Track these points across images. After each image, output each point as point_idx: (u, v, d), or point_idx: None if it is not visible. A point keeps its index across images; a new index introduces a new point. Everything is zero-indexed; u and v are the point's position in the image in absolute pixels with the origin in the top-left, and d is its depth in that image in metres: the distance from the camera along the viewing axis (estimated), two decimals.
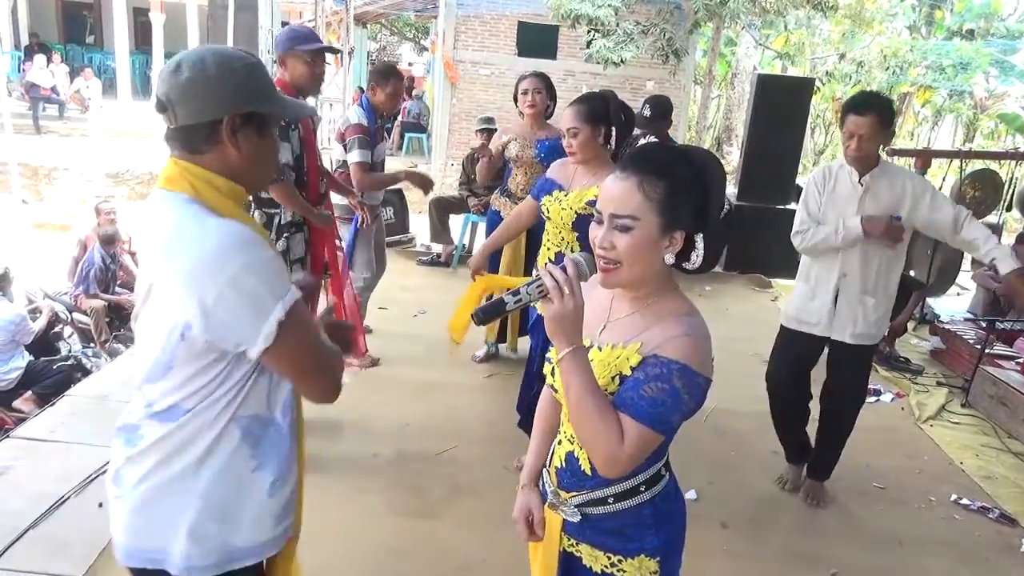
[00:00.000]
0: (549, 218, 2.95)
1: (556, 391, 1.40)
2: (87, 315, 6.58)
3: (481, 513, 2.95)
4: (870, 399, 4.55)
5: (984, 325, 5.14)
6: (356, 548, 2.69)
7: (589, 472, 1.37)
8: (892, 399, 4.60)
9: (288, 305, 1.23)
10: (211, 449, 1.32)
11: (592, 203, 2.66)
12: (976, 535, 3.20)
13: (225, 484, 1.34)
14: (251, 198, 3.17)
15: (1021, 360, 4.64)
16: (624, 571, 1.40)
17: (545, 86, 4.02)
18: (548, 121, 4.12)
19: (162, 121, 1.30)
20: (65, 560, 2.49)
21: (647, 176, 1.27)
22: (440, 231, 6.61)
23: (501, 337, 4.48)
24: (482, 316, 1.30)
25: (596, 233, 1.31)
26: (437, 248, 6.67)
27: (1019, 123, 16.30)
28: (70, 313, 6.61)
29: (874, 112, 2.81)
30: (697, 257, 1.31)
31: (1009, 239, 7.18)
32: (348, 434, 3.47)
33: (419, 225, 7.33)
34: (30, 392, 5.23)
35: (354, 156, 3.77)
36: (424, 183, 4.14)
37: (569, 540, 1.46)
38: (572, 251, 2.83)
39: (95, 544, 2.56)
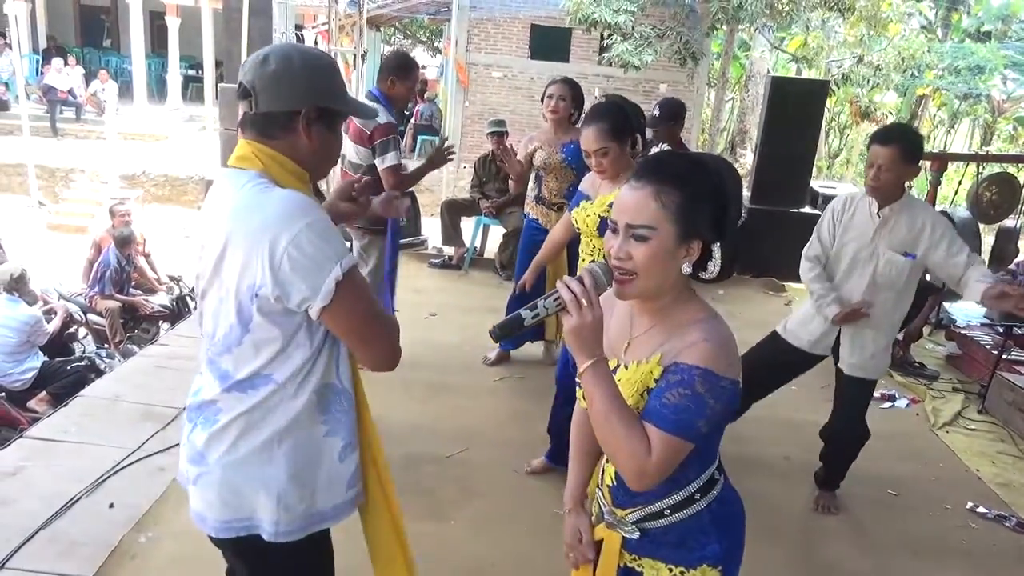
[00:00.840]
0: (580, 230, 2.99)
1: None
2: (102, 316, 6.64)
3: (491, 516, 2.94)
4: (884, 405, 4.52)
5: (1001, 330, 5.07)
6: (364, 553, 2.68)
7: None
8: (907, 405, 4.55)
9: (346, 267, 1.31)
10: (293, 416, 1.40)
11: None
12: (992, 544, 3.16)
13: (303, 449, 1.43)
14: None
15: None
16: None
17: (571, 94, 4.00)
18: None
19: (242, 107, 1.41)
20: (75, 560, 2.49)
21: (663, 185, 1.25)
22: (452, 234, 6.61)
23: (524, 339, 4.38)
24: (499, 332, 1.30)
25: (611, 243, 1.30)
26: (449, 251, 6.66)
27: None
28: (84, 314, 6.67)
29: (897, 144, 2.75)
30: (714, 267, 1.30)
31: None
32: None
33: (431, 228, 7.34)
34: (44, 392, 5.27)
35: (390, 159, 3.66)
36: (439, 157, 4.01)
37: (631, 556, 1.44)
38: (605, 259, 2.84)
39: (106, 544, 2.57)
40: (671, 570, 1.39)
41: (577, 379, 1.31)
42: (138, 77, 16.10)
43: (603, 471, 1.49)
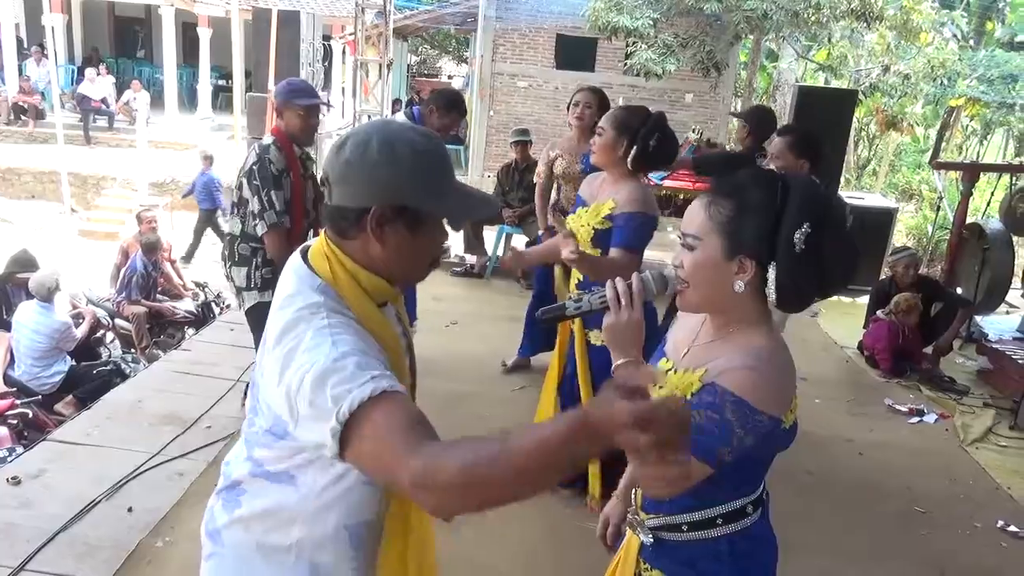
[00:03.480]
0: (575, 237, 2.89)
1: None
2: (129, 321, 6.73)
3: (503, 523, 2.91)
4: (913, 420, 4.42)
5: None
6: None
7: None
8: (936, 420, 4.44)
9: (349, 410, 1.05)
10: (313, 536, 1.23)
11: (609, 217, 2.58)
12: None
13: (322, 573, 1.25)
14: (239, 232, 3.21)
15: None
16: None
17: (598, 103, 3.95)
18: None
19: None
20: (92, 564, 2.51)
21: (716, 196, 1.25)
22: (474, 242, 6.62)
23: (539, 346, 4.36)
24: (545, 318, 1.37)
25: (676, 252, 1.32)
26: (471, 259, 6.67)
27: None
28: (112, 319, 6.76)
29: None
30: (770, 292, 1.22)
31: None
32: None
33: (453, 236, 7.35)
34: (71, 396, 5.34)
35: None
36: None
37: (644, 564, 1.43)
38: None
39: (123, 548, 2.59)
40: None
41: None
42: (169, 87, 16.38)
43: None
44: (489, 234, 6.65)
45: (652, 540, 1.37)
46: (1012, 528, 3.28)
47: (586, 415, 0.93)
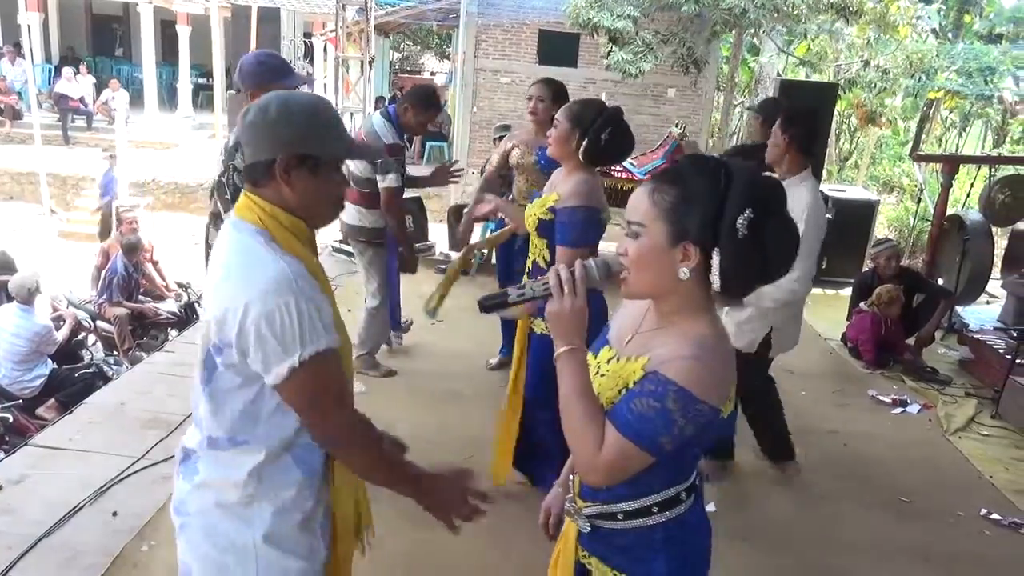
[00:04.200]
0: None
1: None
2: (110, 323, 6.65)
3: (495, 523, 2.90)
4: (896, 410, 4.46)
5: (1015, 334, 5.00)
6: (370, 561, 2.66)
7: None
8: (919, 410, 4.49)
9: (308, 355, 1.31)
10: (267, 477, 1.41)
11: (552, 209, 2.60)
12: (1006, 551, 3.10)
13: (284, 511, 1.43)
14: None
15: None
16: None
17: (551, 95, 3.86)
18: None
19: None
20: (77, 569, 2.49)
21: (660, 183, 1.25)
22: (459, 239, 6.60)
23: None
24: (486, 305, 1.36)
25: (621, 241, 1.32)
26: (456, 256, 6.65)
27: None
28: (93, 321, 6.69)
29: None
30: (714, 276, 1.23)
31: None
32: None
33: (438, 233, 7.33)
34: (53, 400, 5.28)
35: (388, 180, 3.73)
36: (441, 176, 4.17)
37: (583, 551, 1.45)
38: (543, 259, 2.78)
39: (108, 553, 2.56)
40: (615, 575, 1.39)
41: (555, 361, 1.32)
42: (149, 85, 16.21)
43: None
44: (475, 231, 6.63)
45: (589, 528, 1.40)
46: (995, 516, 3.32)
47: (424, 490, 1.60)
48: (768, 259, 1.22)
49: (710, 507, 3.15)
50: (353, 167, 3.89)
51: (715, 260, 1.22)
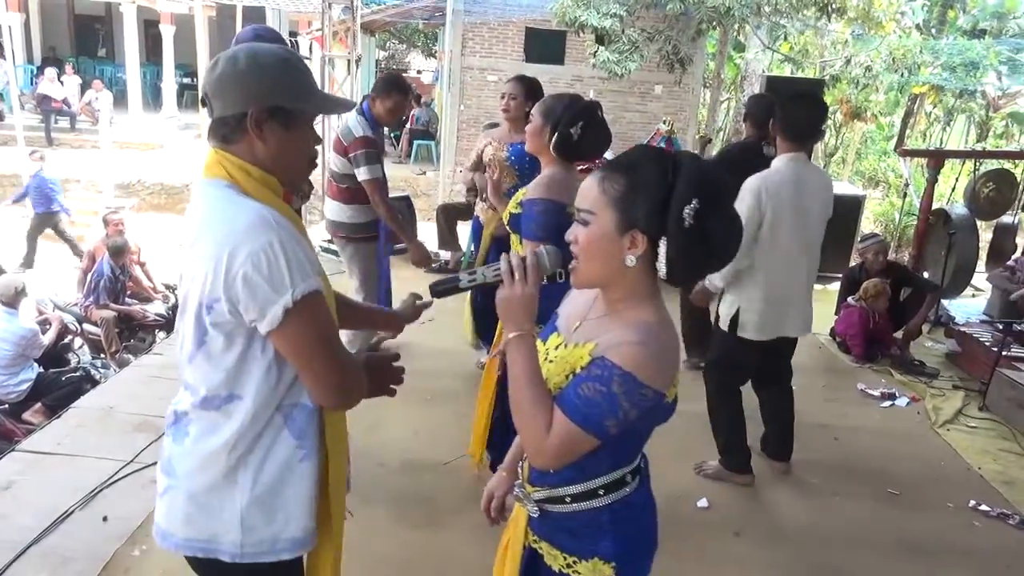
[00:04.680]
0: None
1: None
2: (97, 326, 6.60)
3: (488, 526, 2.91)
4: (885, 403, 4.50)
5: (1001, 327, 5.05)
6: (361, 562, 2.65)
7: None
8: (907, 403, 4.52)
9: (301, 294, 1.27)
10: (258, 438, 1.38)
11: (520, 203, 2.64)
12: (996, 542, 3.13)
13: (273, 474, 1.39)
14: None
15: None
16: (579, 572, 1.40)
17: (524, 92, 3.86)
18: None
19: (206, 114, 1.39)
20: (68, 575, 2.46)
21: (610, 172, 1.28)
22: (448, 238, 6.59)
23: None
24: (438, 290, 1.38)
25: (570, 229, 1.33)
26: (445, 255, 6.64)
27: None
28: (80, 324, 6.63)
29: None
30: (661, 266, 1.25)
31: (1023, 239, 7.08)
32: (353, 445, 3.41)
33: (427, 232, 7.31)
34: (40, 404, 5.23)
35: (363, 173, 3.71)
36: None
37: (533, 536, 1.47)
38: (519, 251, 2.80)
39: (99, 558, 2.54)
40: (565, 558, 1.41)
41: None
42: (133, 86, 16.07)
43: None
44: (463, 229, 6.63)
45: (538, 512, 1.42)
46: (984, 507, 3.35)
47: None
48: (712, 249, 1.25)
49: (703, 502, 3.18)
50: (332, 163, 3.90)
51: (661, 249, 1.24)
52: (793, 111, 3.13)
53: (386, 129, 4.42)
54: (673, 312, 1.39)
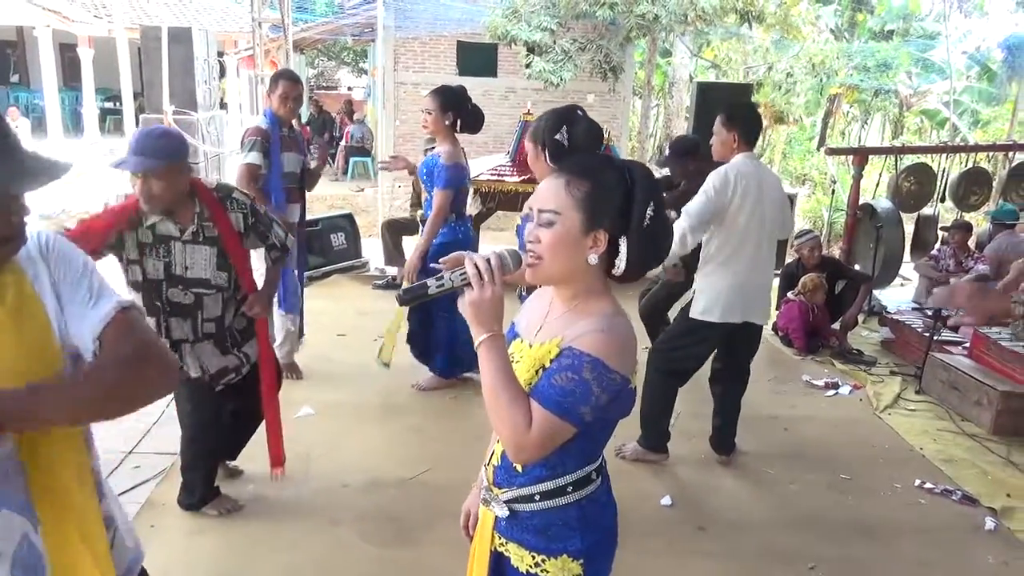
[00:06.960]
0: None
1: None
2: None
3: (462, 536, 2.91)
4: (829, 392, 4.67)
5: (930, 313, 5.30)
6: None
7: (520, 469, 1.42)
8: (850, 391, 4.71)
9: None
10: None
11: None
12: (942, 517, 3.28)
13: None
14: None
15: (967, 345, 4.80)
16: (547, 571, 1.43)
17: (438, 104, 3.87)
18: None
19: None
20: None
21: (574, 176, 1.35)
22: (394, 253, 6.55)
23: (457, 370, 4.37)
24: (406, 298, 1.38)
25: (528, 229, 1.38)
26: (392, 271, 6.60)
27: (940, 118, 17.03)
28: None
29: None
30: (620, 262, 1.35)
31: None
32: (315, 466, 3.38)
33: (371, 249, 7.26)
34: None
35: (242, 157, 3.90)
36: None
37: (500, 539, 1.49)
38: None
39: None
40: (533, 557, 1.43)
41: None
42: (51, 112, 15.45)
43: (492, 451, 1.53)
44: (408, 244, 6.60)
45: (508, 513, 1.45)
46: (928, 485, 3.51)
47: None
48: (659, 247, 1.38)
49: (666, 500, 3.25)
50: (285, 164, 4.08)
51: (623, 247, 1.34)
52: (747, 115, 3.40)
53: (314, 148, 4.47)
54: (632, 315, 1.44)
